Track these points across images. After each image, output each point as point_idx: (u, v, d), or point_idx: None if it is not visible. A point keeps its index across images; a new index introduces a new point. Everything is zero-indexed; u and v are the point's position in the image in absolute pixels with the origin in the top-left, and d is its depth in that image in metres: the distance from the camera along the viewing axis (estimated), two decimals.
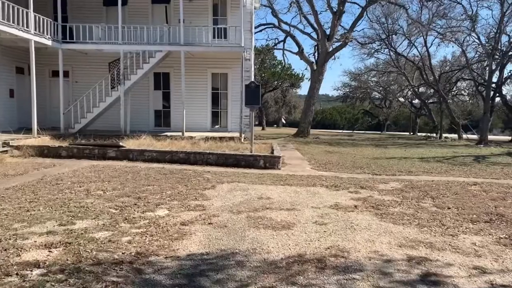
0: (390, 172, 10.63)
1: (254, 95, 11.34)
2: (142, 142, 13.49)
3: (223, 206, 6.20)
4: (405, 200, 6.90)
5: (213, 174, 9.39)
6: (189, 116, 17.22)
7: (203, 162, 10.94)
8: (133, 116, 17.28)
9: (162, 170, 9.59)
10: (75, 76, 18.25)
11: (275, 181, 8.61)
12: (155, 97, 18.34)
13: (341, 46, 23.66)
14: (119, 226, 4.94)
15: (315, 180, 8.92)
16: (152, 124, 18.32)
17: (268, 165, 10.71)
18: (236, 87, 17.59)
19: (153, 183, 7.94)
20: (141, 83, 17.43)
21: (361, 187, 8.08)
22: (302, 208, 6.19)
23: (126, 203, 6.12)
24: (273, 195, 7.09)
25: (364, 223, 5.38)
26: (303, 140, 22.53)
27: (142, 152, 11.30)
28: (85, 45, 15.91)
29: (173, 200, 6.46)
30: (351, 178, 9.42)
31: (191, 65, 17.69)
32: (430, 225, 5.36)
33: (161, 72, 18.10)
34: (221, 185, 8.01)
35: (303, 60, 25.72)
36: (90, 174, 8.77)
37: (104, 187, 7.41)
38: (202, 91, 18.14)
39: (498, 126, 58.86)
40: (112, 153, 11.40)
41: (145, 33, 16.10)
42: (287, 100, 54.71)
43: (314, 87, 23.90)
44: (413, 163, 13.26)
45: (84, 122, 16.04)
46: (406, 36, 30.35)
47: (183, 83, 15.69)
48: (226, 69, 18.08)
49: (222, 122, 18.53)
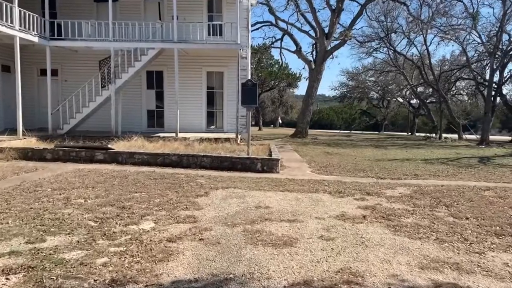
0: (396, 176, 10.02)
1: (251, 94, 10.70)
2: (133, 143, 12.82)
3: (216, 217, 5.56)
4: (417, 209, 6.27)
5: (207, 178, 8.74)
6: (183, 116, 16.55)
7: (197, 166, 10.28)
8: (125, 117, 16.60)
9: (152, 175, 8.92)
10: (64, 75, 17.53)
11: (274, 187, 7.97)
12: (148, 97, 17.66)
13: (340, 44, 23.06)
14: (96, 244, 4.28)
15: (317, 185, 8.29)
16: (145, 124, 17.63)
17: (266, 169, 10.07)
18: (232, 86, 16.95)
19: (141, 189, 7.27)
20: (133, 82, 16.75)
21: (367, 193, 7.45)
22: (305, 219, 5.55)
23: (108, 214, 5.45)
24: (272, 203, 6.45)
25: (376, 238, 4.74)
26: (301, 140, 21.90)
27: (131, 154, 10.63)
28: (74, 42, 15.20)
29: (161, 210, 5.80)
30: (355, 182, 8.79)
31: (186, 63, 17.03)
32: (451, 239, 4.73)
33: (154, 70, 17.42)
34: (215, 191, 7.36)
35: (301, 58, 25.09)
36: (73, 179, 8.09)
37: (87, 194, 6.74)
38: (196, 90, 17.48)
39: (495, 126, 58.55)
40: (100, 156, 10.72)
41: (136, 29, 15.41)
42: (284, 100, 54.13)
43: (313, 86, 23.27)
44: (417, 165, 12.66)
45: (73, 123, 15.34)
46: (405, 35, 29.83)
47: (176, 82, 15.03)
48: (221, 67, 17.43)
49: (218, 123, 17.88)
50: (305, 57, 24.87)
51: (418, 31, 28.47)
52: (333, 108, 60.28)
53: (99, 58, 16.54)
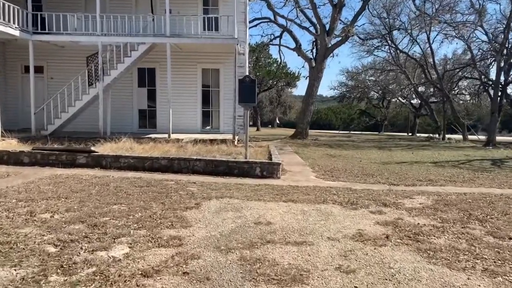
0: (409, 182, 9.04)
1: (249, 91, 9.69)
2: (121, 145, 11.79)
3: (207, 238, 4.55)
4: (447, 225, 5.29)
5: (200, 186, 7.73)
6: (177, 116, 15.55)
7: (189, 170, 9.26)
8: (114, 116, 15.58)
9: (138, 181, 7.91)
10: (51, 72, 16.49)
11: (275, 196, 6.97)
12: (139, 95, 16.62)
13: (342, 40, 22.05)
14: (46, 282, 3.27)
15: (324, 193, 7.30)
16: (136, 125, 16.60)
17: (265, 174, 9.07)
18: (229, 84, 15.95)
19: (122, 200, 6.26)
20: (124, 79, 15.73)
21: (383, 204, 6.47)
22: (315, 240, 4.55)
23: (74, 235, 4.44)
24: (274, 218, 5.46)
25: (408, 269, 3.75)
26: (302, 142, 20.92)
27: (117, 158, 9.60)
28: (59, 36, 14.16)
29: (141, 229, 4.79)
30: (366, 190, 7.81)
31: (179, 60, 16.03)
32: (504, 271, 3.74)
33: (146, 67, 16.41)
34: (208, 202, 6.35)
35: (301, 56, 24.08)
36: (46, 188, 7.07)
37: (56, 207, 5.72)
38: (191, 89, 16.46)
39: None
40: (82, 160, 9.69)
41: (126, 23, 14.39)
42: (282, 100, 53.22)
43: (313, 85, 22.28)
44: (428, 169, 11.71)
45: (58, 123, 14.29)
46: (408, 32, 28.91)
47: (169, 79, 14.01)
48: (218, 64, 16.42)
49: (214, 123, 16.87)
50: (305, 55, 23.88)
51: (421, 29, 27.58)
52: (331, 108, 59.53)
53: (87, 54, 15.52)
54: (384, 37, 29.10)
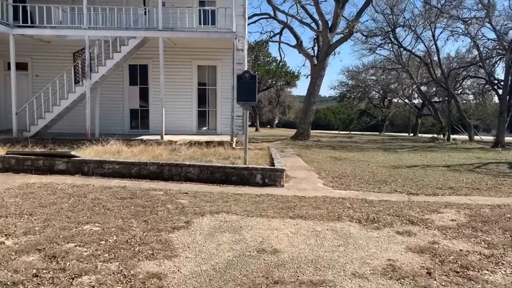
0: (429, 190, 8.02)
1: (248, 89, 8.65)
2: (108, 148, 10.73)
3: (196, 275, 3.51)
4: (497, 252, 4.25)
5: (192, 197, 6.69)
6: (171, 116, 14.50)
7: (181, 178, 8.21)
8: (104, 117, 14.52)
9: (121, 192, 6.85)
10: (36, 69, 15.38)
11: (280, 210, 5.93)
12: (131, 94, 15.55)
13: (345, 37, 20.98)
14: None
15: (337, 206, 6.26)
16: (128, 126, 15.53)
17: (267, 182, 8.03)
18: (227, 82, 14.89)
19: (97, 217, 5.20)
20: (114, 77, 14.67)
21: (409, 221, 5.43)
22: (337, 277, 3.51)
23: (20, 274, 3.39)
24: (281, 243, 4.41)
25: None
26: (303, 143, 19.87)
27: (100, 164, 8.54)
28: (43, 30, 13.08)
29: (112, 261, 3.74)
30: (383, 202, 6.78)
31: (173, 56, 14.97)
32: None
33: (137, 64, 15.34)
34: (201, 219, 5.30)
35: (302, 53, 23.03)
36: (11, 201, 6.01)
37: (14, 227, 4.67)
38: (186, 87, 15.39)
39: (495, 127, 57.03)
40: (61, 165, 8.63)
41: (115, 16, 13.32)
42: (281, 100, 52.25)
43: (315, 84, 21.23)
44: (444, 174, 10.70)
45: (42, 124, 13.20)
46: (412, 29, 27.88)
47: (162, 76, 12.94)
48: (215, 61, 15.36)
49: (211, 124, 15.81)
50: (306, 52, 22.80)
51: (429, 23, 26.58)
52: (330, 108, 58.69)
53: (75, 50, 14.43)
54: (387, 34, 28.07)
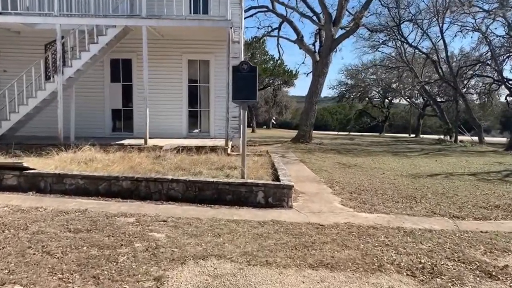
0: (474, 211, 6.36)
1: (247, 83, 6.91)
2: (80, 156, 8.95)
3: None
4: None
5: (172, 227, 4.94)
6: (157, 117, 12.78)
7: (162, 196, 6.46)
8: (82, 118, 12.76)
9: (77, 220, 5.09)
10: (3, 64, 13.54)
11: (294, 252, 4.21)
12: (112, 92, 13.74)
13: (351, 30, 19.23)
14: None
15: (370, 243, 4.55)
16: (109, 128, 13.73)
17: (272, 201, 6.30)
18: (221, 78, 13.14)
19: (24, 271, 3.45)
20: (93, 73, 12.91)
21: (484, 272, 3.73)
22: None
23: None
24: None
25: None
26: (305, 147, 18.16)
27: (61, 178, 6.76)
28: (6, 17, 11.23)
29: None
30: (427, 232, 5.10)
31: (160, 49, 13.23)
32: None
33: (120, 58, 13.56)
34: (179, 272, 3.57)
35: (303, 49, 21.30)
36: None
37: None
38: (175, 85, 13.62)
39: (495, 127, 55.76)
40: (10, 180, 6.84)
41: (92, 2, 11.53)
42: (278, 100, 50.72)
43: (317, 82, 19.51)
44: (475, 185, 9.08)
45: (7, 126, 11.39)
46: (418, 24, 26.35)
47: (145, 72, 11.17)
48: (207, 54, 13.60)
49: (203, 126, 14.04)
50: (308, 48, 21.06)
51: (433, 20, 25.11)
52: (327, 108, 57.36)
53: (47, 41, 12.65)
54: (392, 30, 26.48)
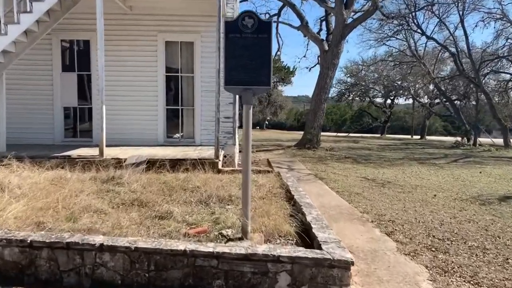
0: None
1: (253, 54, 3.60)
2: None
3: None
4: None
5: None
6: (123, 118, 9.43)
7: (83, 280, 3.10)
8: (22, 120, 9.38)
9: None
10: None
11: None
12: (65, 85, 10.27)
13: (369, 12, 15.91)
14: None
15: None
16: (61, 133, 10.25)
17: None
18: (210, 66, 9.77)
19: None
20: (37, 58, 9.58)
21: None
22: None
23: None
24: None
25: None
26: (314, 154, 14.85)
27: None
28: None
29: None
30: None
31: (128, 26, 9.86)
32: None
33: (74, 39, 10.17)
34: None
35: (309, 37, 18.00)
36: None
37: None
38: (148, 74, 10.17)
39: (496, 128, 53.28)
40: None
41: None
42: (273, 100, 47.79)
43: (327, 76, 16.21)
44: None
45: None
46: (434, 13, 23.27)
47: (100, 54, 7.79)
48: (191, 34, 10.17)
49: (186, 129, 10.62)
50: (315, 35, 17.71)
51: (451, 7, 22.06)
52: None
53: None
54: (405, 18, 23.34)
